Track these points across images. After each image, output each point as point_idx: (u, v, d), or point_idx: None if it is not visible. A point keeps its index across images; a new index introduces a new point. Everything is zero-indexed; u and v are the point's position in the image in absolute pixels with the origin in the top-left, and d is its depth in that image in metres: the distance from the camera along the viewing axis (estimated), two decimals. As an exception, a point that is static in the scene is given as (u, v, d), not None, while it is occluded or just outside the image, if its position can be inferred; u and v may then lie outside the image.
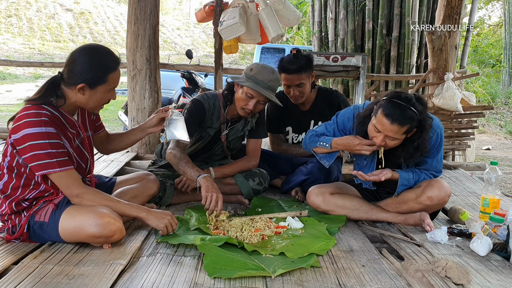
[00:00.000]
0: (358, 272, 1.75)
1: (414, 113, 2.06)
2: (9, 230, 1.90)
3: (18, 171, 1.85)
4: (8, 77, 14.08)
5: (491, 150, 7.55)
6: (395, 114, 2.05)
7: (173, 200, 2.59)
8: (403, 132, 2.10)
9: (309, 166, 2.85)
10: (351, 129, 2.37)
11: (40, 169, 1.77)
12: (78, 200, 1.84)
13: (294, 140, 3.16)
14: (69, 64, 1.85)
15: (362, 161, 2.42)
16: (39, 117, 1.76)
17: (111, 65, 1.88)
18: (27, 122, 1.75)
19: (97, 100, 1.90)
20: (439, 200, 2.24)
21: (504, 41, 12.52)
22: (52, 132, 1.77)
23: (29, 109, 1.78)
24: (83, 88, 1.84)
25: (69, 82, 1.85)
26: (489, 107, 5.42)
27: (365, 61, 3.71)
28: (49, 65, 6.35)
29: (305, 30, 12.99)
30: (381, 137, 2.14)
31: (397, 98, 2.08)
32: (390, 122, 2.07)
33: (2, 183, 1.87)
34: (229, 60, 17.47)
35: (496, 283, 1.68)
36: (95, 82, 1.85)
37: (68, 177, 1.82)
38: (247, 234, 2.02)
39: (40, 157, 1.75)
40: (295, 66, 2.85)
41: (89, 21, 21.50)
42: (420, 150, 2.17)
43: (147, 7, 3.86)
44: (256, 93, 2.48)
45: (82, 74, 1.82)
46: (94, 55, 1.86)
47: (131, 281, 1.58)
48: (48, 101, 1.84)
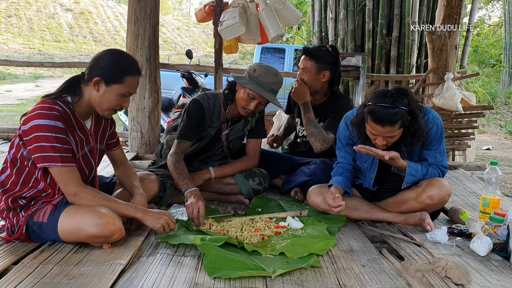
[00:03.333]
0: (358, 272, 1.75)
1: (400, 109, 2.09)
2: (8, 230, 1.90)
3: (21, 165, 1.85)
4: (8, 77, 14.08)
5: (491, 150, 7.54)
6: (384, 118, 2.08)
7: (173, 200, 2.59)
8: (398, 128, 2.14)
9: (312, 168, 2.83)
10: (350, 136, 2.41)
11: (42, 161, 1.78)
12: (75, 199, 1.84)
13: (300, 133, 3.15)
14: (92, 61, 1.91)
15: (363, 164, 2.42)
16: (51, 111, 1.79)
17: (131, 69, 1.92)
18: (38, 114, 1.77)
19: (110, 100, 1.90)
20: (440, 199, 2.23)
21: (504, 41, 12.52)
22: (60, 127, 1.79)
23: (44, 103, 1.82)
24: (98, 83, 1.87)
25: (87, 79, 1.90)
26: (489, 107, 5.43)
27: (365, 61, 3.72)
28: (49, 65, 6.35)
29: (305, 30, 12.98)
30: (381, 138, 2.17)
31: (380, 101, 2.10)
32: (381, 126, 2.11)
33: (4, 176, 1.88)
34: (229, 60, 17.47)
35: (496, 283, 1.68)
36: (111, 79, 1.88)
37: (68, 174, 1.81)
38: (247, 234, 2.02)
39: (44, 149, 1.76)
40: (312, 52, 2.89)
41: (89, 21, 21.50)
42: (418, 135, 2.20)
43: (147, 7, 3.86)
44: (258, 95, 2.48)
45: (101, 68, 1.88)
46: (117, 55, 1.93)
47: (131, 281, 1.58)
48: (63, 99, 1.88)
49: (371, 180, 2.41)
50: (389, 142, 2.19)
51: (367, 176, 2.42)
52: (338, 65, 2.94)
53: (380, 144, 2.18)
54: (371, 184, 2.43)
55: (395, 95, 2.12)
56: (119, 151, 2.21)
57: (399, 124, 2.12)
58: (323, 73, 2.90)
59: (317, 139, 2.82)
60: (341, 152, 2.49)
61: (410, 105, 2.12)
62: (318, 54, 2.89)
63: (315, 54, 2.89)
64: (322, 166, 2.75)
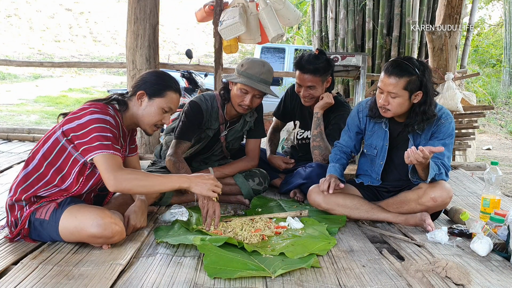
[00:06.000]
0: (358, 272, 1.74)
1: (412, 68, 2.16)
2: (12, 224, 1.90)
3: (52, 160, 1.87)
4: (8, 77, 14.07)
5: (491, 150, 7.53)
6: (393, 69, 2.18)
7: (173, 200, 2.58)
8: (403, 86, 2.17)
9: (308, 171, 2.81)
10: (359, 124, 2.49)
11: (93, 149, 1.79)
12: (114, 182, 1.80)
13: (299, 135, 3.12)
14: (138, 79, 2.08)
15: (372, 151, 2.45)
16: (105, 109, 1.89)
17: (172, 85, 2.05)
18: (93, 111, 1.84)
19: (151, 114, 2.00)
20: (442, 201, 2.24)
21: (504, 41, 12.51)
22: (113, 123, 1.88)
23: (96, 104, 1.90)
24: (142, 96, 2.00)
25: (132, 93, 2.04)
26: (489, 107, 5.41)
27: (366, 60, 3.70)
28: (48, 65, 6.35)
29: (305, 29, 12.98)
30: (384, 95, 2.22)
31: (397, 59, 2.24)
32: (388, 76, 2.19)
33: (26, 171, 1.88)
34: (229, 60, 17.46)
35: (497, 283, 1.68)
36: (153, 93, 2.00)
37: (112, 160, 1.81)
38: (247, 234, 2.02)
39: (99, 139, 1.80)
40: (312, 67, 2.74)
41: (89, 21, 21.49)
42: (427, 114, 2.24)
43: (147, 7, 3.86)
44: (250, 88, 2.48)
45: (145, 83, 2.03)
46: (161, 73, 2.11)
47: (130, 281, 1.58)
48: (113, 105, 1.98)
49: (380, 167, 2.43)
50: (390, 104, 2.22)
51: (376, 164, 2.45)
52: (333, 67, 2.89)
53: (382, 102, 2.22)
54: (379, 173, 2.44)
55: (414, 59, 2.23)
56: (136, 158, 2.21)
57: (405, 81, 2.17)
58: (326, 81, 2.85)
59: (321, 153, 2.83)
60: (346, 136, 2.56)
61: (424, 75, 2.19)
62: (318, 66, 2.75)
63: (317, 68, 2.75)
64: (318, 170, 2.72)
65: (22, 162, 3.59)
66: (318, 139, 2.83)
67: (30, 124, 7.36)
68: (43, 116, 8.63)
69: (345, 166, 2.53)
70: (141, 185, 1.85)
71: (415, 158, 2.04)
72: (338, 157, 2.51)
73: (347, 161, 2.54)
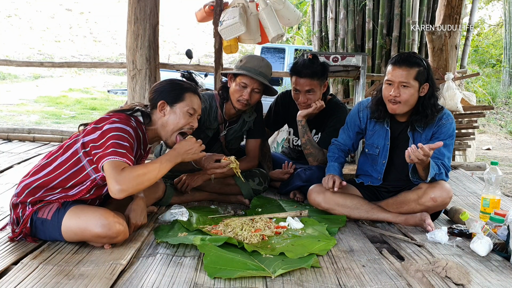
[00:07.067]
0: (358, 272, 1.75)
1: (419, 59, 2.22)
2: (14, 222, 1.90)
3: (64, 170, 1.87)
4: (8, 77, 14.07)
5: (491, 150, 7.53)
6: (402, 60, 2.22)
7: (173, 200, 2.58)
8: (414, 76, 2.20)
9: (308, 173, 2.80)
10: (359, 124, 2.50)
11: (106, 155, 1.76)
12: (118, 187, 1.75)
13: (294, 142, 3.12)
14: (151, 92, 2.08)
15: (374, 150, 2.46)
16: (128, 120, 1.90)
17: (188, 87, 2.07)
18: (114, 121, 1.85)
19: (176, 119, 2.01)
20: (442, 201, 2.24)
21: (504, 41, 12.51)
22: (133, 134, 1.88)
23: (119, 115, 1.90)
24: (163, 106, 2.01)
25: (152, 107, 2.05)
26: (489, 107, 5.42)
27: (365, 61, 3.70)
28: (48, 65, 6.35)
29: (305, 30, 12.98)
30: (395, 87, 2.23)
31: (403, 53, 2.30)
32: (398, 67, 2.21)
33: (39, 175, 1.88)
34: (229, 60, 17.45)
35: (497, 283, 1.68)
36: (173, 99, 2.02)
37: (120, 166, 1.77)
38: (247, 234, 2.02)
39: (114, 146, 1.79)
40: (309, 71, 2.72)
41: (89, 21, 21.49)
42: (437, 107, 2.28)
43: (147, 7, 3.86)
44: (249, 80, 2.50)
45: (161, 93, 2.04)
46: (172, 80, 2.12)
47: (131, 281, 1.58)
48: (136, 117, 1.98)
49: (382, 167, 2.43)
50: (401, 95, 2.21)
51: (378, 163, 2.45)
52: (328, 71, 2.85)
53: (394, 93, 2.22)
54: (382, 172, 2.44)
55: (417, 54, 2.29)
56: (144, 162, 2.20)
57: (415, 71, 2.20)
58: (323, 85, 2.83)
59: (315, 159, 2.84)
60: (344, 134, 2.57)
61: (429, 71, 2.24)
62: (315, 69, 2.73)
63: (315, 72, 2.73)
64: (318, 173, 2.71)
65: (22, 162, 3.60)
66: (308, 147, 2.83)
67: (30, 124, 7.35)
68: (43, 116, 8.63)
69: (343, 165, 2.56)
70: (146, 179, 1.83)
71: (415, 156, 2.04)
72: (337, 156, 2.53)
73: (345, 160, 2.57)
